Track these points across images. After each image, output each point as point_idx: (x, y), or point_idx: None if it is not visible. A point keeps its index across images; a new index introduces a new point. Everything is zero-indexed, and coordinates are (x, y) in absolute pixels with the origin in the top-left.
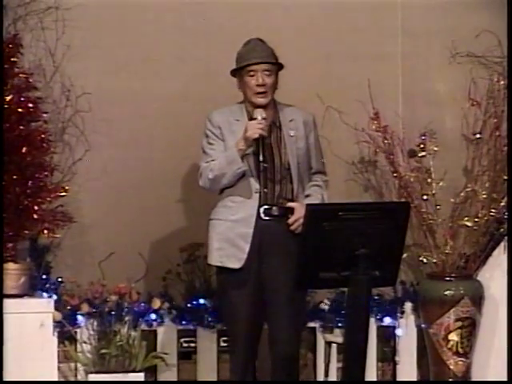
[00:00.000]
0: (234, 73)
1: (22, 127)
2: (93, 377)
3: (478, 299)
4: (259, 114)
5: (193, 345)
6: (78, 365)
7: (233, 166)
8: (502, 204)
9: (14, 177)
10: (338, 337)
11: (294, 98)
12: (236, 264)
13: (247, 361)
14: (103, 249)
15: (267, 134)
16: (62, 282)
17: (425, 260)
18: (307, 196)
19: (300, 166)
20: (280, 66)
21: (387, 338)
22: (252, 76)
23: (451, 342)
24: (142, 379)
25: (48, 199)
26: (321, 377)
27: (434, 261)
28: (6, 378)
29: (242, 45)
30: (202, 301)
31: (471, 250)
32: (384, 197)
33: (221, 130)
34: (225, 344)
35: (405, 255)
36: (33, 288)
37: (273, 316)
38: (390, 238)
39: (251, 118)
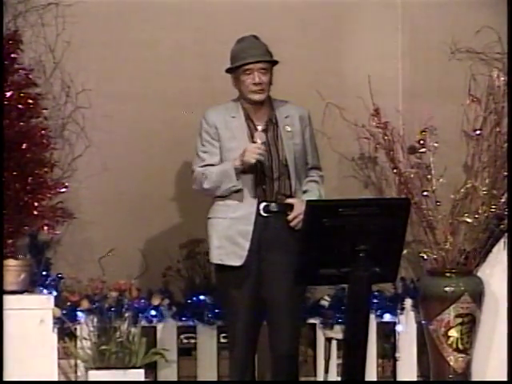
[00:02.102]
0: (228, 70)
1: (22, 123)
2: (93, 373)
3: (478, 295)
4: (259, 137)
5: (193, 341)
6: (78, 361)
7: (227, 182)
8: (502, 200)
9: (14, 173)
10: (338, 333)
11: (294, 94)
12: (236, 262)
13: (247, 357)
14: (103, 245)
15: (264, 130)
16: (61, 278)
17: (425, 256)
18: (305, 192)
19: (297, 161)
20: (275, 63)
21: (387, 334)
22: (248, 74)
23: (451, 339)
24: (142, 375)
25: (48, 195)
26: (321, 373)
27: (434, 257)
28: (6, 374)
29: (235, 42)
30: (201, 297)
31: (471, 247)
32: (384, 193)
33: (217, 129)
34: (225, 340)
35: (405, 251)
36: (33, 284)
37: (272, 313)
38: (390, 235)
39: (252, 141)
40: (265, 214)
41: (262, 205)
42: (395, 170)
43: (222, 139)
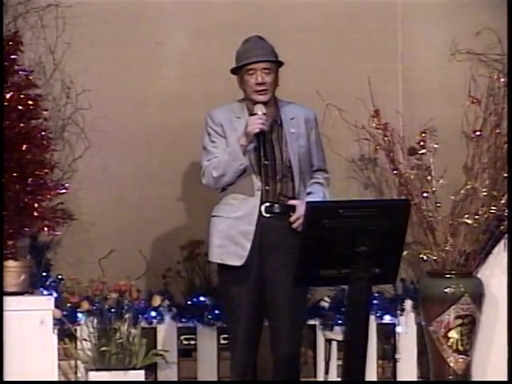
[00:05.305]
0: (233, 71)
1: (22, 125)
2: (93, 374)
3: (478, 297)
4: (259, 109)
5: (193, 342)
6: (78, 362)
7: (235, 162)
8: (502, 201)
9: (14, 174)
10: (338, 334)
11: (294, 95)
12: (237, 261)
13: (248, 358)
14: (103, 246)
15: (269, 130)
16: (62, 279)
17: (425, 257)
18: (308, 193)
19: (301, 163)
20: (280, 63)
21: (387, 335)
22: (251, 75)
23: (451, 340)
24: (142, 377)
25: (48, 197)
26: (321, 374)
27: (434, 258)
28: (6, 375)
29: (242, 43)
30: (201, 298)
31: (471, 248)
32: (384, 194)
33: (222, 127)
34: (225, 341)
35: (405, 253)
36: (33, 285)
37: (274, 313)
38: (390, 236)
39: (251, 114)
40: (267, 215)
41: (264, 206)
42: (395, 172)
43: (228, 138)
